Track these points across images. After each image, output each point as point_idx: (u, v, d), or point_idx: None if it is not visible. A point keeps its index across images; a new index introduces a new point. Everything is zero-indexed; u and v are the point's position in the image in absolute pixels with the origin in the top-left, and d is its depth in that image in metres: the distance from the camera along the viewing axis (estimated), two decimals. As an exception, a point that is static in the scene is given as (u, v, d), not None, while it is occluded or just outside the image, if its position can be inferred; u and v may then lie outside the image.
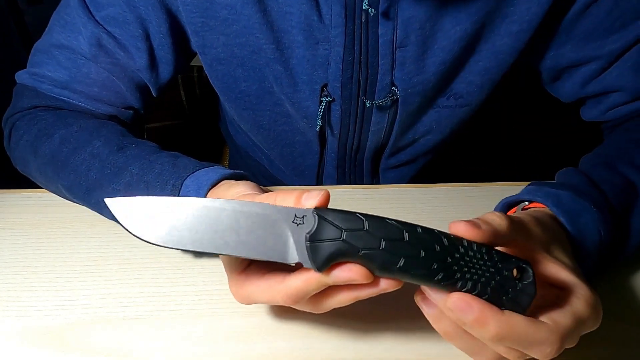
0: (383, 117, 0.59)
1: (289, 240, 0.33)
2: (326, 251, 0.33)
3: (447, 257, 0.32)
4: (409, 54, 0.53)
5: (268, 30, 0.53)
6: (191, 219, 0.33)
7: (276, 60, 0.55)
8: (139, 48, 0.55)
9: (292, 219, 0.33)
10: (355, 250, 0.32)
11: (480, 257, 0.32)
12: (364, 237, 0.32)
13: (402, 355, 0.41)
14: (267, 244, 0.34)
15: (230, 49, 0.55)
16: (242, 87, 0.59)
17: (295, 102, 0.58)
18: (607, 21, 0.54)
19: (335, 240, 0.32)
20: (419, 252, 0.32)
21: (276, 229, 0.33)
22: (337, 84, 0.55)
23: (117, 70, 0.57)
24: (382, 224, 0.32)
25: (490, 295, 0.32)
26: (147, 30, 0.55)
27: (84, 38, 0.55)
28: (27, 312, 0.44)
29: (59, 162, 0.52)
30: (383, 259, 0.32)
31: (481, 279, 0.32)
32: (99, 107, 0.58)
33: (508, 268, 0.32)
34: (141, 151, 0.51)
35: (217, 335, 0.43)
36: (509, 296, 0.32)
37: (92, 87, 0.57)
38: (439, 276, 0.32)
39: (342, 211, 0.33)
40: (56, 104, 0.58)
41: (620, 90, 0.57)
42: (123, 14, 0.54)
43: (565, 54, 0.57)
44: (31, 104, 0.58)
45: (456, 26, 0.52)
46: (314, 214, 0.33)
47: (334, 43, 0.52)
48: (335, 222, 0.33)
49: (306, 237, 0.33)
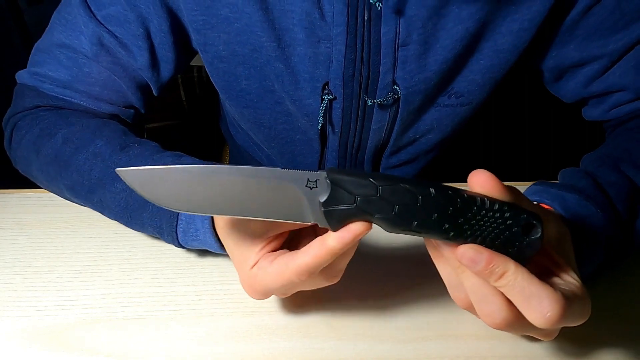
0: (384, 115, 0.59)
1: (303, 203, 0.34)
2: (340, 216, 0.33)
3: (459, 217, 0.32)
4: (411, 52, 0.53)
5: (269, 28, 0.53)
6: (204, 186, 0.34)
7: (277, 58, 0.55)
8: (140, 47, 0.55)
9: (305, 182, 0.34)
10: (368, 215, 0.33)
11: (492, 215, 0.32)
12: (378, 203, 0.33)
13: (402, 355, 0.41)
14: (283, 206, 0.34)
15: (231, 47, 0.55)
16: (243, 85, 0.59)
17: (296, 100, 0.58)
18: (609, 21, 0.54)
19: (348, 206, 0.33)
20: (431, 216, 0.32)
21: (289, 192, 0.34)
22: (338, 82, 0.55)
23: (118, 70, 0.57)
24: (395, 189, 0.32)
25: (495, 249, 0.33)
26: (148, 29, 0.55)
27: (85, 37, 0.55)
28: (27, 312, 0.44)
29: (61, 162, 0.52)
30: (395, 223, 0.33)
31: (490, 235, 0.33)
32: (101, 106, 0.59)
33: (518, 224, 0.33)
34: (144, 150, 0.51)
35: (217, 335, 0.43)
36: (515, 249, 0.33)
37: (94, 87, 0.57)
38: (449, 234, 0.32)
39: (355, 175, 0.33)
40: (58, 104, 0.58)
41: (623, 90, 0.57)
42: (124, 13, 0.54)
43: (568, 53, 0.57)
44: (33, 104, 0.57)
45: (458, 25, 0.52)
46: (327, 179, 0.33)
47: (336, 41, 0.52)
48: (349, 188, 0.33)
49: (320, 203, 0.33)
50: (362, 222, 0.34)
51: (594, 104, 0.62)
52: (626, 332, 0.43)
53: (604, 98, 0.60)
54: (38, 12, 1.44)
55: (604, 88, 0.58)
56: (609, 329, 0.43)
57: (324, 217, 0.34)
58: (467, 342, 0.42)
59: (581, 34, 0.55)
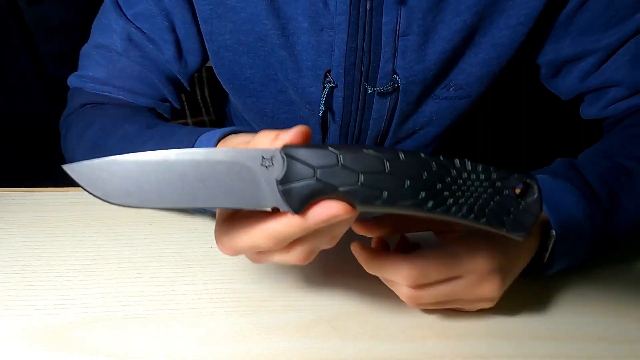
0: (384, 105, 0.60)
1: (261, 185, 0.31)
2: (300, 193, 0.30)
3: (437, 183, 0.29)
4: (411, 42, 0.54)
5: (274, 17, 0.54)
6: (154, 176, 0.31)
7: (281, 46, 0.56)
8: (165, 40, 0.58)
9: (260, 161, 0.30)
10: (332, 188, 0.30)
11: (476, 177, 0.30)
12: (340, 173, 0.29)
13: (402, 355, 0.41)
14: (238, 191, 0.31)
15: (236, 36, 0.57)
16: (247, 74, 0.60)
17: (299, 88, 0.59)
18: (604, 15, 0.55)
19: (308, 180, 0.30)
20: (403, 182, 0.29)
21: (244, 174, 0.31)
22: (340, 70, 0.56)
23: (148, 64, 0.60)
24: (358, 155, 0.29)
25: (488, 218, 0.30)
26: (172, 21, 0.58)
27: (116, 35, 0.59)
28: (26, 311, 0.44)
29: (96, 148, 0.55)
30: (364, 195, 0.30)
31: (478, 201, 0.30)
32: (138, 99, 0.62)
33: (509, 185, 0.30)
34: (168, 127, 0.53)
35: (217, 335, 0.42)
36: (511, 216, 0.30)
37: (128, 81, 0.61)
38: (428, 205, 0.30)
39: (312, 146, 0.30)
40: (101, 100, 0.62)
41: (619, 85, 0.58)
42: (149, 8, 0.57)
43: (564, 48, 0.58)
44: (80, 103, 0.62)
45: (456, 17, 0.53)
46: (282, 153, 0.30)
47: (338, 30, 0.54)
48: (306, 160, 0.30)
49: (277, 180, 0.30)
50: (335, 200, 0.30)
51: (590, 102, 0.62)
52: (626, 331, 0.43)
53: (600, 95, 0.61)
54: (38, 12, 1.44)
55: (600, 82, 0.59)
56: (609, 329, 0.43)
57: (282, 197, 0.30)
58: (467, 342, 0.42)
59: (576, 29, 0.56)
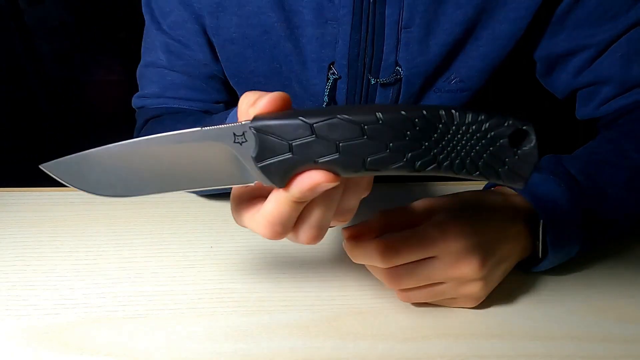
0: (387, 97, 0.61)
1: (240, 162, 0.29)
2: (279, 168, 0.29)
3: (423, 141, 0.28)
4: (413, 34, 0.55)
5: (280, 10, 0.55)
6: (131, 165, 0.30)
7: (286, 39, 0.57)
8: (199, 43, 0.60)
9: (233, 139, 0.29)
10: (310, 160, 0.28)
11: (465, 129, 0.27)
12: (316, 144, 0.28)
13: (402, 354, 0.41)
14: (219, 170, 0.30)
15: (242, 30, 0.58)
16: (252, 67, 0.61)
17: (303, 81, 0.60)
18: (598, 11, 0.56)
19: (284, 155, 0.28)
20: (385, 147, 0.28)
21: (220, 152, 0.29)
22: (344, 61, 0.57)
23: (190, 70, 0.62)
24: (333, 123, 0.27)
25: (482, 171, 0.28)
26: (203, 24, 0.59)
27: (159, 50, 0.62)
28: (27, 310, 0.44)
29: None
30: (345, 164, 0.28)
31: (470, 153, 0.28)
32: (192, 106, 0.64)
33: (503, 134, 0.27)
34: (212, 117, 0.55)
35: (217, 335, 0.42)
36: (506, 167, 0.28)
37: (180, 90, 0.64)
38: (416, 165, 0.28)
39: (283, 117, 0.28)
40: (160, 112, 0.65)
41: (611, 82, 0.59)
42: (180, 14, 0.59)
43: (559, 43, 0.59)
44: (143, 119, 0.66)
45: (457, 10, 0.54)
46: (252, 129, 0.28)
47: (342, 22, 0.55)
48: (279, 134, 0.28)
49: (252, 157, 0.29)
50: (317, 170, 0.29)
51: (584, 102, 0.63)
52: (626, 331, 0.43)
53: (593, 93, 0.61)
54: (38, 12, 1.43)
55: (593, 79, 0.60)
56: (609, 328, 0.43)
57: (262, 174, 0.29)
58: (467, 342, 0.42)
59: (571, 23, 0.57)
